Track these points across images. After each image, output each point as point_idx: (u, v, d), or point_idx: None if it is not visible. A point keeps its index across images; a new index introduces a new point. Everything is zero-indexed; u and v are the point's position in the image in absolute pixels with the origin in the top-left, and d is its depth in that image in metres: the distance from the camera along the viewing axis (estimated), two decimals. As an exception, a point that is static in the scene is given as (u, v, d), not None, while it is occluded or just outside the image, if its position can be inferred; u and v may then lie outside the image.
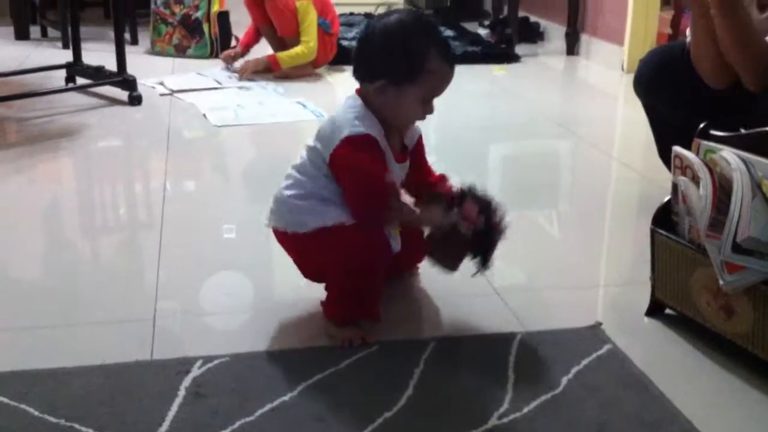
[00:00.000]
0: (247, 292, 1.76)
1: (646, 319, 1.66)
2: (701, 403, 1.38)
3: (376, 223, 1.51)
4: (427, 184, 1.67)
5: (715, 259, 1.41)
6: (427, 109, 1.53)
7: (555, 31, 4.60)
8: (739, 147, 1.49)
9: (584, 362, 1.47)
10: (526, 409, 1.33)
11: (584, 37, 4.34)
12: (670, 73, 2.08)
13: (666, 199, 1.60)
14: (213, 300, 1.71)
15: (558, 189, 2.58)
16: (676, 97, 2.05)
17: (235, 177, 2.64)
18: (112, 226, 2.23)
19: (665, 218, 1.60)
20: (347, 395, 1.37)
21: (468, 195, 1.55)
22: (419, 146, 1.66)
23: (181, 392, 1.35)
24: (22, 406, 1.32)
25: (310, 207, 1.51)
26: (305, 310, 1.63)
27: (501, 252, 1.60)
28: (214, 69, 3.81)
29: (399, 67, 1.47)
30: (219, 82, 3.59)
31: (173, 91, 3.40)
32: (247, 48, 3.82)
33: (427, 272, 1.73)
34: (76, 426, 1.27)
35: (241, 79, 3.61)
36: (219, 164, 2.79)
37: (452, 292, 1.71)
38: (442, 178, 1.69)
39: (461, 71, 1.59)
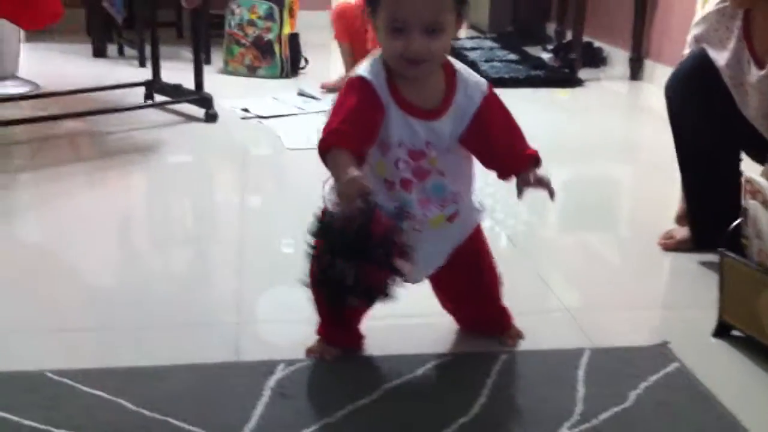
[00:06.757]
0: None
1: (712, 339, 1.69)
2: (768, 421, 1.41)
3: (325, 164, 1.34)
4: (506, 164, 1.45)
5: (784, 281, 1.45)
6: (403, 41, 1.32)
7: (619, 56, 4.63)
8: (809, 173, 1.53)
9: (652, 379, 1.51)
10: (595, 421, 1.38)
11: (648, 63, 4.36)
12: (702, 83, 2.01)
13: (736, 222, 1.64)
14: (292, 308, 1.78)
15: (621, 212, 2.63)
16: (705, 108, 2.01)
17: (310, 196, 2.72)
18: (191, 236, 2.34)
19: (734, 242, 1.64)
20: (424, 400, 1.43)
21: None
22: (483, 113, 1.41)
23: (266, 392, 1.43)
24: (119, 400, 1.40)
25: None
26: (381, 319, 1.69)
27: (567, 271, 1.63)
28: (288, 94, 3.88)
29: None
30: (301, 108, 3.63)
31: (260, 117, 3.44)
32: None
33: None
34: (171, 420, 1.35)
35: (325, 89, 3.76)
36: (293, 183, 2.86)
37: (524, 308, 1.76)
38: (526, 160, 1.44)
39: (525, 94, 1.63)
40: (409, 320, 1.71)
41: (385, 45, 1.36)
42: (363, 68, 1.39)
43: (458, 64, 1.44)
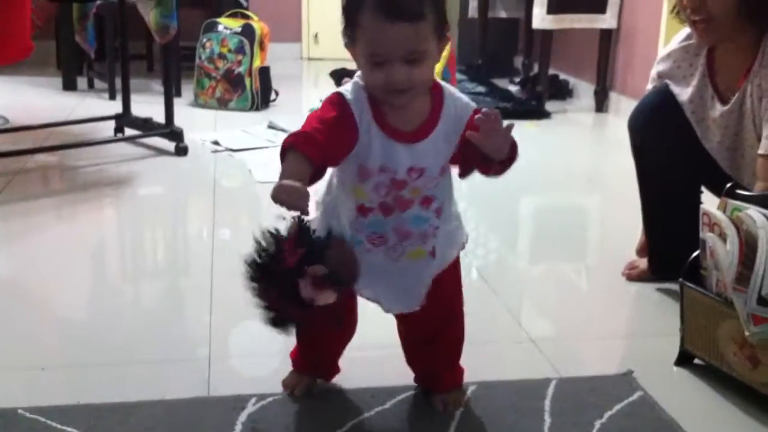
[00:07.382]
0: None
1: (675, 368, 1.73)
2: (729, 448, 1.45)
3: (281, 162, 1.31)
4: None
5: (741, 311, 1.50)
6: (384, 73, 1.29)
7: (584, 89, 4.72)
8: (764, 206, 1.58)
9: (617, 408, 1.54)
10: (561, 450, 1.41)
11: (613, 95, 4.45)
12: (665, 117, 2.06)
13: (695, 254, 1.69)
14: (264, 341, 1.80)
15: (587, 242, 2.68)
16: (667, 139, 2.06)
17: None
18: (162, 270, 2.35)
19: (694, 272, 1.69)
20: (393, 433, 1.46)
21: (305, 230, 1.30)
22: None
23: (238, 427, 1.45)
24: (91, 436, 1.42)
25: None
26: (354, 352, 1.72)
27: (534, 302, 1.67)
28: (258, 127, 3.89)
29: (344, 26, 1.34)
30: (271, 141, 3.62)
31: (231, 150, 3.46)
32: None
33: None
34: (143, 456, 1.36)
35: None
36: (264, 216, 2.89)
37: (490, 338, 1.80)
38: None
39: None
40: (377, 352, 1.73)
41: (366, 76, 1.34)
42: (345, 88, 1.37)
43: (445, 85, 1.41)
